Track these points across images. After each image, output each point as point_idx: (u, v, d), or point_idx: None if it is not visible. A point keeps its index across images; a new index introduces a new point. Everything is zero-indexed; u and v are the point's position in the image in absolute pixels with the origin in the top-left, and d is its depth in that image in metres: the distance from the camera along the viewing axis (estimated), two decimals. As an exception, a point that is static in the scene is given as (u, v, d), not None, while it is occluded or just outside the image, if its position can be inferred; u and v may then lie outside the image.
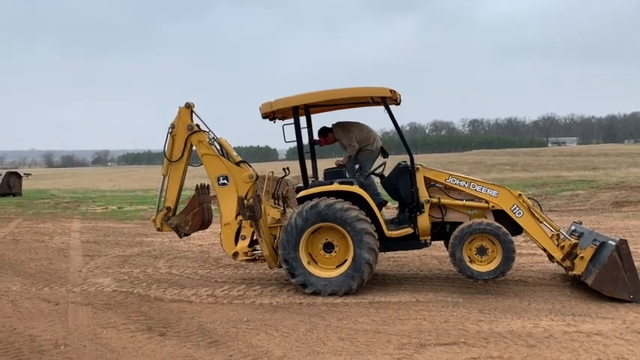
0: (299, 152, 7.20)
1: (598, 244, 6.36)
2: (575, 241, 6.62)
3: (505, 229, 6.49)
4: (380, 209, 7.03)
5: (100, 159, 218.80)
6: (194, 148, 7.49)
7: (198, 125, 7.47)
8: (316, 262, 6.86)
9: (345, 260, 6.72)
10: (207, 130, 7.52)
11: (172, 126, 7.46)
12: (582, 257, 6.43)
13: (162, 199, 7.64)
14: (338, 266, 6.78)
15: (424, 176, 6.96)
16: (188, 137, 7.42)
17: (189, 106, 7.46)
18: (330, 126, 7.78)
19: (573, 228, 7.52)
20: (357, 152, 7.58)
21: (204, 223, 7.74)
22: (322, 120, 8.00)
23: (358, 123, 7.77)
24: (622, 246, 6.00)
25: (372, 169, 7.66)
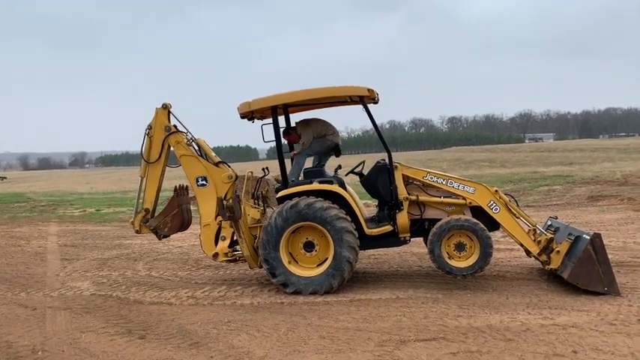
0: (278, 152, 7.20)
1: (573, 238, 6.48)
2: (551, 235, 6.74)
3: (482, 225, 6.58)
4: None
5: (77, 161, 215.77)
6: (172, 149, 7.45)
7: (175, 126, 7.43)
8: (297, 262, 6.88)
9: (326, 259, 6.74)
10: (185, 131, 7.48)
11: (149, 127, 7.40)
12: (558, 251, 6.56)
13: (141, 201, 7.58)
14: (318, 265, 6.80)
15: (402, 174, 7.01)
16: (166, 138, 7.37)
17: (166, 107, 7.41)
18: (294, 124, 7.79)
19: (549, 223, 7.65)
20: (314, 140, 7.56)
21: (184, 225, 7.70)
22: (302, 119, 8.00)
23: (319, 119, 7.81)
24: (596, 240, 6.12)
25: (353, 167, 7.68)
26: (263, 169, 7.77)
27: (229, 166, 7.47)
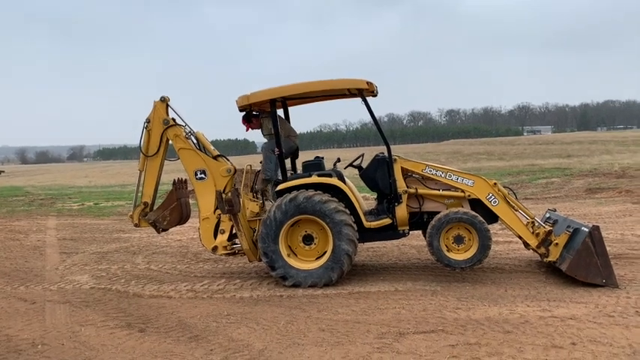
0: (277, 145, 7.18)
1: (572, 230, 6.50)
2: (549, 228, 6.76)
3: (481, 218, 6.59)
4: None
5: (76, 155, 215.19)
6: (170, 142, 7.43)
7: (174, 119, 7.41)
8: (296, 255, 6.88)
9: (325, 252, 6.75)
10: (184, 124, 7.46)
11: (148, 120, 7.39)
12: (557, 244, 6.58)
13: (140, 195, 7.57)
14: (318, 258, 6.81)
15: (401, 167, 7.01)
16: (164, 131, 7.35)
17: (164, 100, 7.39)
18: (256, 112, 7.72)
19: (548, 215, 7.66)
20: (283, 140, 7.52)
21: (183, 218, 7.70)
22: (300, 112, 8.00)
23: (283, 119, 7.78)
24: (594, 232, 6.13)
25: (352, 161, 7.67)
26: (261, 163, 7.75)
27: (228, 160, 7.46)
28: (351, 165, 7.60)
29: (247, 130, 7.89)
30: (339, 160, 8.02)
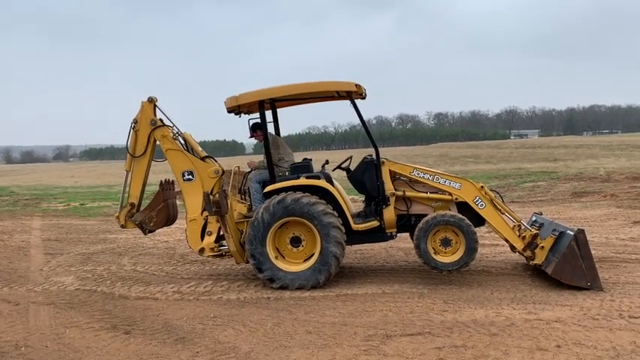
0: (265, 147, 7.16)
1: (557, 233, 6.56)
2: (535, 231, 6.81)
3: (468, 221, 6.62)
4: None
5: (62, 154, 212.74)
6: (158, 143, 7.38)
7: (161, 120, 7.36)
8: (283, 257, 6.87)
9: (313, 254, 6.75)
10: (171, 125, 7.42)
11: (135, 121, 7.33)
12: (542, 247, 6.63)
13: (126, 195, 7.51)
14: (305, 260, 6.81)
15: (389, 170, 7.03)
16: (151, 132, 7.30)
17: (152, 101, 7.34)
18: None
19: (534, 219, 7.72)
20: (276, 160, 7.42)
21: (170, 220, 7.65)
22: (289, 114, 7.99)
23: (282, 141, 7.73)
24: (580, 235, 6.19)
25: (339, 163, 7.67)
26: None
27: (216, 161, 7.43)
28: (339, 167, 7.60)
29: (251, 137, 7.69)
30: (327, 162, 8.02)
